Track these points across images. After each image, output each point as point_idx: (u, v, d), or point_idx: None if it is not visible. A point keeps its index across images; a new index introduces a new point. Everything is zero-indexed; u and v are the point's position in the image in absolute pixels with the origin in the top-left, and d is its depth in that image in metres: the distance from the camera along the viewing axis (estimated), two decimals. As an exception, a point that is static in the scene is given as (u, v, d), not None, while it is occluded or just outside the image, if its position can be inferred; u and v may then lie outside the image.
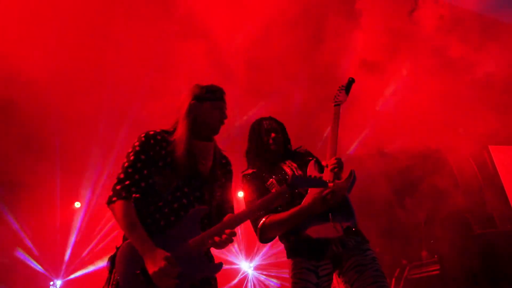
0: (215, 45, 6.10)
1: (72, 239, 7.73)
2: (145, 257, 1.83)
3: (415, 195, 7.19)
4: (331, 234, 2.39)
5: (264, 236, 2.55)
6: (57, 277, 7.74)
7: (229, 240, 1.93)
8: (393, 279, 6.85)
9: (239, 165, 2.76)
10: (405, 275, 6.77)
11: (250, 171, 2.81)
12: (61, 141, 6.67)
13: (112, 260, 1.98)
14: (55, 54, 5.40)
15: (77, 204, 7.99)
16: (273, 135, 2.81)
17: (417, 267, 6.76)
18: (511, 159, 6.68)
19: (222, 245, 1.93)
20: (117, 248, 1.99)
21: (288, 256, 2.61)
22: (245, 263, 9.96)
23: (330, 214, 2.40)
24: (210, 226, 2.00)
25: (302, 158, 2.83)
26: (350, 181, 2.42)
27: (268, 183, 2.66)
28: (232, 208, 2.32)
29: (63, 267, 7.70)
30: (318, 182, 2.07)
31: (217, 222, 1.99)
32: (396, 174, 7.09)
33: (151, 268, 1.79)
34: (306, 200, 2.43)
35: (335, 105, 2.78)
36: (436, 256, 6.50)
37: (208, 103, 2.22)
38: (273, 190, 2.61)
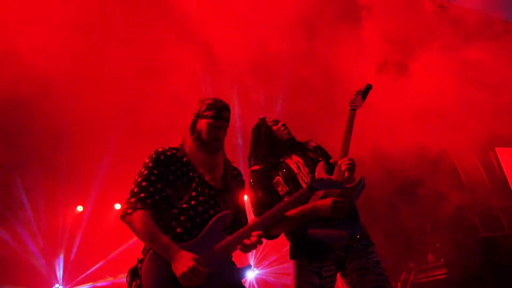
0: (211, 49, 6.08)
1: (75, 242, 7.70)
2: (172, 261, 1.84)
3: (420, 198, 7.09)
4: (335, 240, 2.37)
5: (269, 233, 2.52)
6: (59, 281, 7.70)
7: (258, 242, 1.95)
8: (399, 284, 6.76)
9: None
10: (411, 279, 6.68)
11: (257, 167, 2.78)
12: (64, 144, 6.64)
13: (132, 272, 2.00)
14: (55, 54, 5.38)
15: (80, 208, 7.97)
16: (280, 123, 2.87)
17: (423, 271, 6.66)
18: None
19: (250, 247, 1.95)
20: (139, 260, 2.00)
21: (291, 257, 2.59)
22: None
23: (335, 221, 2.36)
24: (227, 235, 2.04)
25: (309, 153, 2.81)
26: (358, 188, 2.39)
27: (275, 180, 2.66)
28: (246, 218, 2.36)
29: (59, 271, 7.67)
30: (336, 184, 2.15)
31: (233, 232, 2.02)
32: (401, 176, 6.99)
33: (179, 269, 1.79)
34: (316, 201, 2.40)
35: (350, 109, 2.78)
36: (442, 260, 6.40)
37: (204, 121, 2.27)
38: (279, 189, 2.62)
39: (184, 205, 2.06)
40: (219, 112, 2.30)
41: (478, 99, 6.31)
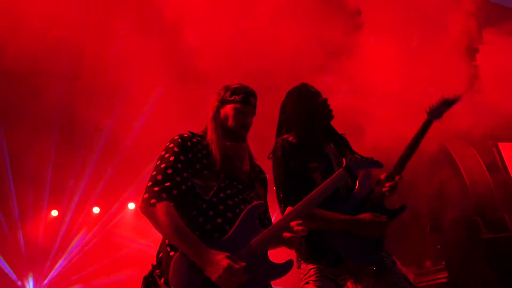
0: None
1: (49, 249, 7.26)
2: (202, 263, 1.66)
3: (419, 197, 6.77)
4: (353, 259, 2.25)
5: None
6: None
7: (302, 231, 1.74)
8: (398, 288, 6.46)
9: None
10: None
11: (292, 138, 2.41)
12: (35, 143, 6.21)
13: (146, 280, 1.81)
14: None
15: (54, 213, 7.44)
16: (323, 98, 2.52)
17: (423, 274, 6.40)
18: (523, 157, 6.25)
19: (293, 240, 1.76)
20: (153, 266, 1.83)
21: (307, 261, 2.33)
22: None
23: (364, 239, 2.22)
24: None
25: (345, 150, 2.52)
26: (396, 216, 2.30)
27: (312, 164, 2.33)
28: (270, 219, 2.18)
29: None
30: (374, 163, 2.03)
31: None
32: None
33: (215, 273, 1.62)
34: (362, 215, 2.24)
35: (428, 119, 2.43)
36: (443, 262, 6.13)
37: (230, 106, 2.11)
38: (315, 175, 2.31)
39: (214, 199, 1.88)
40: (246, 96, 2.13)
41: (478, 92, 6.03)
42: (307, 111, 2.44)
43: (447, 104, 2.43)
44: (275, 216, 2.22)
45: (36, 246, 7.08)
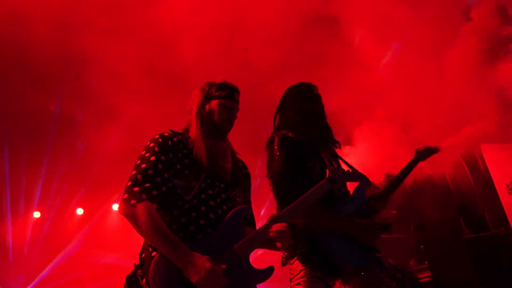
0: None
1: (30, 252, 7.10)
2: (183, 265, 1.63)
3: (403, 197, 6.83)
4: (346, 264, 2.22)
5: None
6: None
7: (275, 233, 1.77)
8: (382, 287, 6.49)
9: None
10: (395, 283, 6.44)
11: (291, 134, 2.37)
12: (16, 140, 6.09)
13: (129, 280, 1.77)
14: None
15: (36, 214, 7.28)
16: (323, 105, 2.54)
17: (407, 274, 6.44)
18: (503, 158, 6.37)
19: (275, 240, 1.80)
20: (136, 266, 1.79)
21: (302, 260, 2.28)
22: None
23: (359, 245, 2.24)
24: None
25: (337, 157, 2.51)
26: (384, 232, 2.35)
27: (309, 164, 2.29)
28: (252, 215, 2.16)
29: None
30: (359, 176, 2.04)
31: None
32: (383, 175, 6.71)
33: (196, 275, 1.59)
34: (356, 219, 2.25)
35: (417, 157, 2.76)
36: (426, 262, 6.20)
37: (215, 102, 2.09)
38: (313, 176, 2.26)
39: (195, 200, 1.85)
40: (231, 92, 2.13)
41: (461, 93, 6.12)
42: (304, 114, 2.44)
43: (429, 151, 2.73)
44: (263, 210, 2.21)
45: (18, 248, 6.94)
